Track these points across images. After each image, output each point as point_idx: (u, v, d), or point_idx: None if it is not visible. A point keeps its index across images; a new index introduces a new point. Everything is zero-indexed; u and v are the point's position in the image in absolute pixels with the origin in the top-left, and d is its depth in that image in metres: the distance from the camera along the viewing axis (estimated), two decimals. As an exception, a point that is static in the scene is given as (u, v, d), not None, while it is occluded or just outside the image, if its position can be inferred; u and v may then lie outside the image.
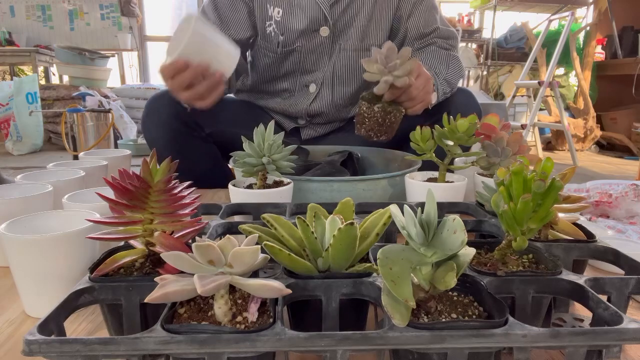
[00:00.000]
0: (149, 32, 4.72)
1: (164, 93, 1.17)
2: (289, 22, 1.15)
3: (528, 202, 0.39)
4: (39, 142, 3.20)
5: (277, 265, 0.42)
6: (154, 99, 1.17)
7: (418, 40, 1.19)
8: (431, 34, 1.18)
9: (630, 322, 0.34)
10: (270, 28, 1.17)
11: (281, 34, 1.17)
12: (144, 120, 1.18)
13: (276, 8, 1.15)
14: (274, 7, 1.15)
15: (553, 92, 2.99)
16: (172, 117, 1.13)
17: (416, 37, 1.19)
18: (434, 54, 1.16)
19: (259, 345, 0.32)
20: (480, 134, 0.75)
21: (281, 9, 1.15)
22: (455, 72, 1.13)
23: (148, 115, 1.17)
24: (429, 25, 1.18)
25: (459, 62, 1.17)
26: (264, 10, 1.17)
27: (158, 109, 1.15)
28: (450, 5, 4.63)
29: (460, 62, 1.17)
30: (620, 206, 0.98)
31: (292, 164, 0.72)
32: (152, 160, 0.44)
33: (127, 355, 0.32)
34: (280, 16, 1.15)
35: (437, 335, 0.32)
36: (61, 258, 0.49)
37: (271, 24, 1.17)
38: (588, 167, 2.78)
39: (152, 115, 1.16)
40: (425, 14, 1.17)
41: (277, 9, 1.15)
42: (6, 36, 3.96)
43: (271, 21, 1.17)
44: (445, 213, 0.65)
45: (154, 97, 1.18)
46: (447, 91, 1.10)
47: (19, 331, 0.49)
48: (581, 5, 3.78)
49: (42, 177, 0.76)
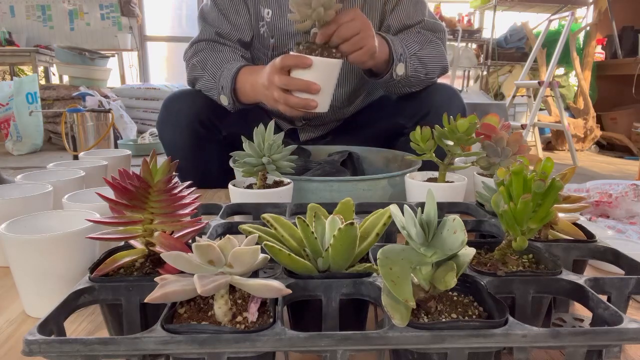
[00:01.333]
0: (149, 32, 4.72)
1: (182, 94, 1.15)
2: (278, 24, 1.14)
3: (528, 202, 0.39)
4: (39, 142, 3.20)
5: (277, 265, 0.42)
6: (173, 99, 1.14)
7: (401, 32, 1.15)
8: (415, 26, 1.14)
9: (630, 322, 0.34)
10: (263, 29, 1.16)
11: (272, 36, 1.15)
12: (161, 121, 1.15)
13: (266, 9, 1.14)
14: (265, 7, 1.14)
15: (553, 92, 2.99)
16: (193, 119, 1.11)
17: (399, 29, 1.15)
18: (411, 34, 1.11)
19: (259, 345, 0.32)
20: (480, 134, 0.75)
21: (270, 9, 1.13)
22: (432, 56, 1.09)
23: (167, 116, 1.13)
24: (412, 17, 1.13)
25: (439, 49, 1.11)
26: (258, 10, 1.15)
27: (178, 110, 1.12)
28: (450, 5, 4.63)
29: (441, 50, 1.12)
30: (620, 206, 0.98)
31: (292, 164, 0.72)
32: (152, 160, 0.44)
33: (127, 355, 0.32)
34: (270, 17, 1.14)
35: (437, 335, 0.32)
36: (61, 258, 0.49)
37: (264, 24, 1.16)
38: (588, 167, 2.78)
39: (171, 116, 1.13)
40: (408, 7, 1.13)
41: (267, 9, 1.14)
42: (6, 36, 3.96)
43: (263, 22, 1.15)
44: (445, 213, 0.65)
45: (172, 98, 1.15)
46: (419, 69, 1.06)
47: (19, 331, 0.49)
48: (581, 5, 3.78)
49: (42, 177, 0.76)
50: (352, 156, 1.08)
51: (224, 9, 1.14)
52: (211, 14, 1.15)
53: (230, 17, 1.14)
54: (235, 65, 1.05)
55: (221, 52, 1.12)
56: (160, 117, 1.15)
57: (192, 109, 1.11)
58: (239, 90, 1.05)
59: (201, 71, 1.10)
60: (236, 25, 1.15)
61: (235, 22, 1.15)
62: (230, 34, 1.15)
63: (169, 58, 4.85)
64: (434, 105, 1.10)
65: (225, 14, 1.14)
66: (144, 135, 3.18)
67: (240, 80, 1.03)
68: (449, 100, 1.11)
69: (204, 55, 1.12)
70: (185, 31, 4.56)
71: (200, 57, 1.12)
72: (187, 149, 1.11)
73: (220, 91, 1.06)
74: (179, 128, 1.12)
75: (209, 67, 1.09)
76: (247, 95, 1.04)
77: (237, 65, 1.04)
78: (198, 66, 1.11)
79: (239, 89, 1.04)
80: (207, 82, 1.09)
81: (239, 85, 1.04)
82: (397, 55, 1.02)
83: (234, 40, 1.15)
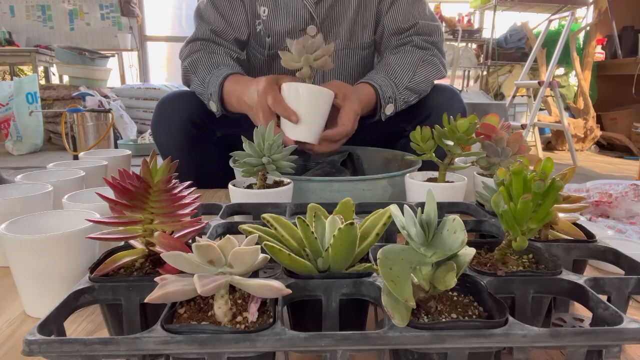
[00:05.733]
0: (149, 32, 4.72)
1: (175, 95, 1.15)
2: (275, 22, 1.13)
3: (528, 202, 0.39)
4: (39, 142, 3.20)
5: (277, 265, 0.42)
6: (166, 101, 1.14)
7: (395, 37, 1.15)
8: (410, 30, 1.13)
9: (630, 322, 0.34)
10: (259, 27, 1.15)
11: (268, 35, 1.14)
12: (155, 123, 1.14)
13: (262, 7, 1.13)
14: (261, 5, 1.13)
15: (553, 92, 2.99)
16: (186, 121, 1.11)
17: (394, 32, 1.14)
18: (404, 59, 1.10)
19: (259, 345, 0.32)
20: (480, 134, 0.75)
21: (267, 7, 1.13)
22: (424, 78, 1.09)
23: (160, 118, 1.13)
24: (408, 20, 1.13)
25: (433, 65, 1.11)
26: (254, 8, 1.14)
27: (171, 112, 1.12)
28: (450, 5, 4.63)
29: (435, 63, 1.12)
30: (620, 206, 0.98)
31: (292, 164, 0.72)
32: (152, 160, 0.44)
33: (127, 355, 0.32)
34: (266, 15, 1.13)
35: (437, 335, 0.32)
36: (61, 258, 0.49)
37: (260, 22, 1.15)
38: (588, 167, 2.78)
39: (164, 118, 1.13)
40: (405, 8, 1.13)
41: (263, 7, 1.13)
42: (6, 36, 3.96)
43: (259, 20, 1.15)
44: (445, 213, 0.65)
45: (165, 100, 1.15)
46: (409, 98, 1.07)
47: (19, 331, 0.49)
48: (581, 5, 3.78)
49: (42, 177, 0.76)
50: (352, 156, 1.08)
51: (220, 6, 1.13)
52: (207, 12, 1.14)
53: (226, 15, 1.14)
54: (223, 72, 1.04)
55: (214, 54, 1.11)
56: (154, 119, 1.15)
57: (185, 111, 1.11)
58: (225, 100, 1.04)
59: (192, 75, 1.10)
60: (232, 23, 1.14)
61: (231, 20, 1.14)
62: (226, 32, 1.14)
63: (169, 58, 4.85)
64: (435, 107, 1.10)
65: (221, 12, 1.13)
66: (144, 135, 3.18)
67: (227, 90, 1.02)
68: (449, 102, 1.11)
69: (197, 57, 1.11)
70: (185, 31, 4.56)
71: (193, 59, 1.11)
72: (181, 151, 1.11)
73: (210, 97, 1.05)
74: (172, 129, 1.12)
75: (199, 71, 1.08)
76: (233, 107, 1.03)
77: (224, 73, 1.03)
78: (190, 69, 1.11)
79: (226, 100, 1.04)
80: (197, 86, 1.09)
81: (225, 95, 1.03)
82: (386, 99, 1.03)
83: (229, 39, 1.14)
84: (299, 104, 0.88)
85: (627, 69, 3.38)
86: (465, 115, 0.72)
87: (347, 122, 0.91)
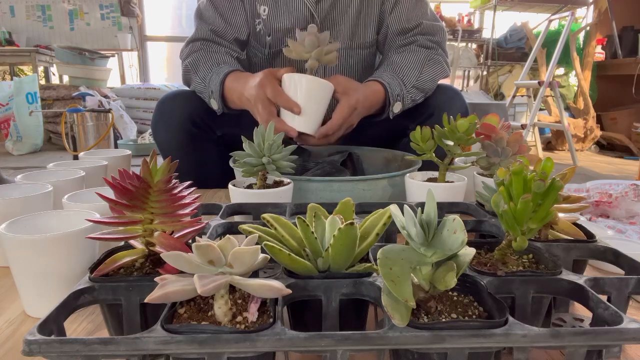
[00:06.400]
0: (149, 32, 4.72)
1: (175, 95, 1.15)
2: (275, 21, 1.13)
3: (528, 202, 0.39)
4: (39, 142, 3.20)
5: (277, 265, 0.42)
6: (166, 100, 1.14)
7: (400, 36, 1.15)
8: (414, 30, 1.14)
9: (630, 322, 0.34)
10: (259, 26, 1.15)
11: (268, 34, 1.15)
12: (155, 122, 1.14)
13: (262, 6, 1.13)
14: (261, 4, 1.13)
15: (553, 92, 2.99)
16: (186, 120, 1.11)
17: (398, 32, 1.15)
18: (410, 58, 1.11)
19: (259, 345, 0.32)
20: (480, 134, 0.75)
21: (267, 6, 1.13)
22: (430, 77, 1.10)
23: (160, 117, 1.13)
24: (412, 20, 1.13)
25: (438, 64, 1.12)
26: (254, 7, 1.14)
27: (172, 111, 1.12)
28: (450, 5, 4.63)
29: (440, 62, 1.13)
30: (620, 206, 0.98)
31: (292, 164, 0.72)
32: (152, 160, 0.44)
33: (127, 355, 0.32)
34: (267, 14, 1.13)
35: (437, 335, 0.32)
36: (61, 258, 0.49)
37: (260, 21, 1.15)
38: (588, 167, 2.78)
39: (165, 117, 1.13)
40: (408, 8, 1.14)
41: (263, 6, 1.13)
42: (6, 36, 3.96)
43: (260, 19, 1.15)
44: (445, 213, 0.65)
45: (166, 99, 1.15)
46: (416, 97, 1.08)
47: (19, 331, 0.48)
48: (581, 5, 3.78)
49: (42, 177, 0.76)
50: (352, 156, 1.08)
51: (220, 6, 1.14)
52: (207, 12, 1.15)
53: (226, 15, 1.14)
54: (224, 69, 1.04)
55: (215, 53, 1.11)
56: (154, 117, 1.15)
57: (184, 110, 1.11)
58: (227, 97, 1.04)
59: (193, 73, 1.10)
60: (232, 22, 1.14)
61: (230, 20, 1.14)
62: (225, 32, 1.14)
63: (169, 58, 4.85)
64: (437, 106, 1.10)
65: (221, 12, 1.14)
66: (144, 135, 3.18)
67: (228, 87, 1.03)
68: (451, 101, 1.11)
69: (197, 56, 1.11)
70: (185, 31, 4.56)
71: (193, 59, 1.11)
72: (181, 150, 1.11)
73: (211, 95, 1.05)
74: (171, 128, 1.12)
75: (200, 69, 1.09)
76: (235, 103, 1.04)
77: (225, 71, 1.03)
78: (190, 68, 1.11)
79: (227, 97, 1.04)
80: (198, 85, 1.09)
81: (226, 92, 1.03)
82: (394, 97, 1.03)
83: (229, 38, 1.14)
84: (299, 95, 0.89)
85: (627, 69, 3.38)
86: (467, 115, 0.72)
87: (339, 115, 0.93)
